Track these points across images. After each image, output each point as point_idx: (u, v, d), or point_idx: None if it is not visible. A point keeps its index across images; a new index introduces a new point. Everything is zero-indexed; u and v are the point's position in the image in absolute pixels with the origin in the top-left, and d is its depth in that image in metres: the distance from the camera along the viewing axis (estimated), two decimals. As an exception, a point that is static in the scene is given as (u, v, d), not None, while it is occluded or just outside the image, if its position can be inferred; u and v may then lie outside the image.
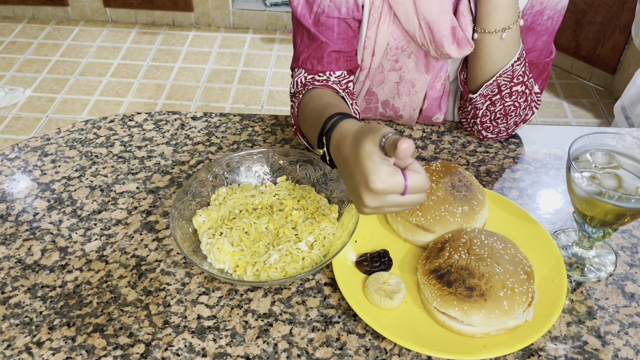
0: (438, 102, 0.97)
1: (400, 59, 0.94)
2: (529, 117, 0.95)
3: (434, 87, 0.95)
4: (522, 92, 0.90)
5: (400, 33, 0.90)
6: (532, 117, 0.96)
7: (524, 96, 0.90)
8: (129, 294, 0.72)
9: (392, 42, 0.91)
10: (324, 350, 0.65)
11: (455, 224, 0.74)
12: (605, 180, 0.68)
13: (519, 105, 0.91)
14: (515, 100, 0.90)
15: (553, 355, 0.65)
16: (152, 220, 0.82)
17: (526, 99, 0.91)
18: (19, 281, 0.73)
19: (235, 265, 0.72)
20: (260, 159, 0.85)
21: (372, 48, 0.92)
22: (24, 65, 2.87)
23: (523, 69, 0.88)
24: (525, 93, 0.90)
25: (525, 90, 0.90)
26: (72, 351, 0.65)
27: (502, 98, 0.90)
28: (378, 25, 0.89)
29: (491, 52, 0.87)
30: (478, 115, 0.93)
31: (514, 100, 0.90)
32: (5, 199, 0.85)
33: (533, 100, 0.94)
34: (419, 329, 0.66)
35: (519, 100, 0.90)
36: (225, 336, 0.67)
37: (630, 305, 0.71)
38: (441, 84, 0.95)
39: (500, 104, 0.90)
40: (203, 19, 3.18)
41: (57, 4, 3.16)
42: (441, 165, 0.81)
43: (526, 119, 0.95)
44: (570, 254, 0.77)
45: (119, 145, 0.96)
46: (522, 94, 0.90)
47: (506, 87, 0.88)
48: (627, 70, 2.56)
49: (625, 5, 2.48)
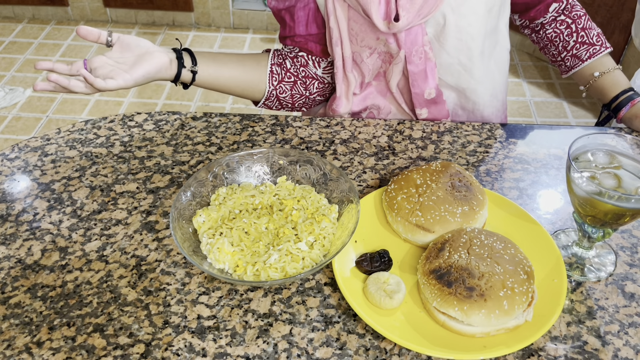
0: (423, 76, 0.98)
1: (370, 43, 0.97)
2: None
3: (412, 62, 0.96)
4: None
5: (360, 16, 0.94)
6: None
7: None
8: (129, 294, 0.72)
9: (355, 26, 0.95)
10: (324, 350, 0.65)
11: (455, 224, 0.74)
12: (605, 180, 0.68)
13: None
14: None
15: (553, 355, 0.65)
16: (152, 220, 0.82)
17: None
18: (19, 281, 0.73)
19: (235, 265, 0.72)
20: (260, 159, 0.85)
21: (338, 36, 0.96)
22: (24, 65, 2.87)
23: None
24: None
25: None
26: (72, 351, 0.65)
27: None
28: (335, 13, 0.94)
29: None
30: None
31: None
32: (5, 199, 0.85)
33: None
34: (419, 329, 0.66)
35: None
36: (225, 336, 0.67)
37: (630, 305, 0.71)
38: (419, 58, 0.96)
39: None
40: (203, 19, 3.18)
41: (57, 4, 3.16)
42: (441, 165, 0.81)
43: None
44: (570, 254, 0.77)
45: (119, 145, 0.96)
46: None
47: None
48: (627, 70, 2.56)
49: (625, 5, 2.48)
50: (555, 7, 1.05)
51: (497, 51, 1.02)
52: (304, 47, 1.03)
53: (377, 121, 1.02)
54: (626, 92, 1.03)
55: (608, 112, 1.06)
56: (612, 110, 1.05)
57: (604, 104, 1.07)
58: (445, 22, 0.93)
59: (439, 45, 0.97)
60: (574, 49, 1.07)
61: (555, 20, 1.08)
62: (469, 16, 0.94)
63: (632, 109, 1.01)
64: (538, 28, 1.10)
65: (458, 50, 0.97)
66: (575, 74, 1.10)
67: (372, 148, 0.96)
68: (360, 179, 0.90)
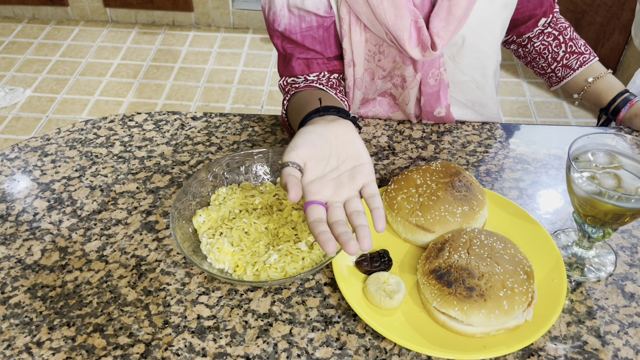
0: (436, 97, 0.98)
1: (385, 64, 0.95)
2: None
3: (427, 84, 0.96)
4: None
5: (378, 38, 0.91)
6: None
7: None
8: (129, 294, 0.72)
9: (372, 48, 0.93)
10: (324, 350, 0.65)
11: (455, 224, 0.74)
12: (605, 180, 0.68)
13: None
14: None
15: (553, 355, 0.65)
16: (152, 220, 0.82)
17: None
18: (19, 281, 0.73)
19: (235, 265, 0.72)
20: (260, 159, 0.85)
21: (350, 58, 0.93)
22: (24, 65, 2.87)
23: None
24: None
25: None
26: (72, 351, 0.65)
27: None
28: (350, 36, 0.90)
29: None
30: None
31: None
32: (5, 199, 0.85)
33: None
34: (419, 329, 0.66)
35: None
36: (225, 336, 0.67)
37: (630, 305, 0.71)
38: (434, 80, 0.96)
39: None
40: (203, 19, 3.18)
41: (57, 4, 3.16)
42: (441, 165, 0.81)
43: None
44: (570, 254, 0.77)
45: (119, 145, 0.96)
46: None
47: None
48: (627, 70, 2.56)
49: (625, 5, 2.48)
50: (543, 21, 1.06)
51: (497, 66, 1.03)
52: (336, 68, 0.95)
53: (377, 121, 1.02)
54: (622, 94, 1.03)
55: (607, 115, 1.06)
56: (610, 113, 1.05)
57: (601, 108, 1.07)
58: (463, 42, 0.93)
59: (453, 65, 0.96)
60: (564, 59, 1.08)
61: (542, 32, 1.08)
62: (486, 36, 0.94)
63: (632, 109, 1.01)
64: (525, 42, 1.10)
65: (473, 69, 0.97)
66: (567, 84, 1.10)
67: (372, 148, 0.96)
68: (360, 179, 0.90)
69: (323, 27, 0.90)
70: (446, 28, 0.86)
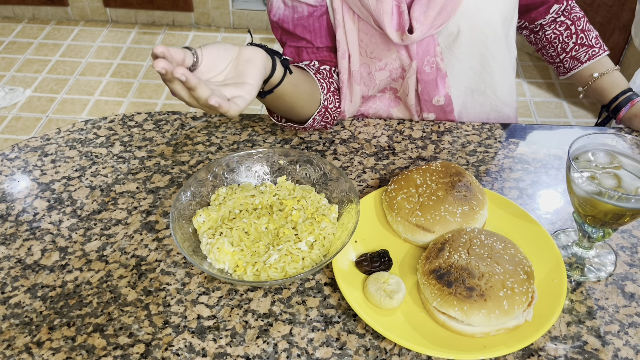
0: (433, 84, 0.98)
1: (381, 55, 0.95)
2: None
3: (423, 72, 0.96)
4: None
5: (370, 27, 0.93)
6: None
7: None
8: (129, 294, 0.72)
9: (365, 38, 0.94)
10: (324, 350, 0.65)
11: (455, 224, 0.74)
12: (605, 180, 0.68)
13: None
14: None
15: (553, 355, 0.65)
16: (152, 220, 0.82)
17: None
18: (19, 281, 0.73)
19: (235, 265, 0.72)
20: (260, 159, 0.85)
21: (345, 49, 0.94)
22: (24, 65, 2.87)
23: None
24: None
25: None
26: (72, 351, 0.65)
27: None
28: (344, 26, 0.93)
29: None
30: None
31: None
32: (5, 199, 0.85)
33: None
34: (419, 329, 0.66)
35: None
36: (225, 336, 0.67)
37: (630, 305, 0.71)
38: (430, 68, 0.96)
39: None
40: (203, 19, 3.18)
41: (57, 4, 3.16)
42: (441, 165, 0.81)
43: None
44: (570, 254, 0.77)
45: (119, 145, 0.96)
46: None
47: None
48: (627, 70, 2.56)
49: (625, 5, 2.48)
50: (556, 8, 1.05)
51: (508, 58, 1.01)
52: (326, 59, 0.98)
53: (377, 121, 1.02)
54: (625, 93, 1.03)
55: (607, 113, 1.06)
56: (611, 111, 1.05)
57: (602, 105, 1.07)
58: (459, 31, 0.93)
59: (450, 54, 0.96)
60: (573, 50, 1.07)
61: (554, 21, 1.07)
62: (484, 25, 0.93)
63: (632, 109, 1.01)
64: (537, 29, 1.10)
65: (471, 58, 0.97)
66: (573, 76, 1.10)
67: (372, 148, 0.96)
68: (360, 179, 0.90)
69: (313, 16, 0.94)
70: (426, 13, 0.88)
